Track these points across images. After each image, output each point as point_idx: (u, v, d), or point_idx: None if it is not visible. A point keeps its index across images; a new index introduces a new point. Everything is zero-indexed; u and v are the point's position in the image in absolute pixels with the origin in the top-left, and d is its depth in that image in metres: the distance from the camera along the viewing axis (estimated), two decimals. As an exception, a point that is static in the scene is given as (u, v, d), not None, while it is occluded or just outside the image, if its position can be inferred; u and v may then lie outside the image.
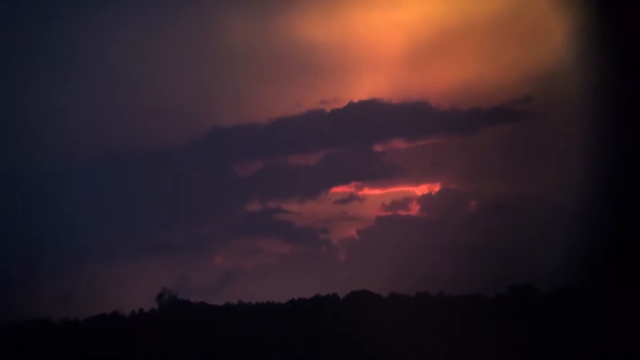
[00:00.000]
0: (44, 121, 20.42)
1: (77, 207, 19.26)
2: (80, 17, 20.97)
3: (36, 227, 18.37)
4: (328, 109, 22.57)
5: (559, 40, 21.84)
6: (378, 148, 22.70)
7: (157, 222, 19.94)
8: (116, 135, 20.61)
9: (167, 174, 20.82)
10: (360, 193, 22.34)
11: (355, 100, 22.75)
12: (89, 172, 19.83)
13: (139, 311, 18.66)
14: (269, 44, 22.38)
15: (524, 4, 22.38)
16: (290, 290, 20.23)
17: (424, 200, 22.22)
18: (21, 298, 18.21)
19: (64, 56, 21.07)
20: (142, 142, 20.89)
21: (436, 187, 22.22)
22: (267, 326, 18.70)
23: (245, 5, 22.13)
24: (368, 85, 23.08)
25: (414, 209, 22.29)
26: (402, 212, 22.15)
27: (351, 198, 22.20)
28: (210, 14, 21.89)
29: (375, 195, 22.48)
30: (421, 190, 22.39)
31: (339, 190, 22.24)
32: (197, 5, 21.71)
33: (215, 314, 18.98)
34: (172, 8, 21.54)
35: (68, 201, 18.97)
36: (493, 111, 22.41)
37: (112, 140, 20.62)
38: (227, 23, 21.95)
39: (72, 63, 21.09)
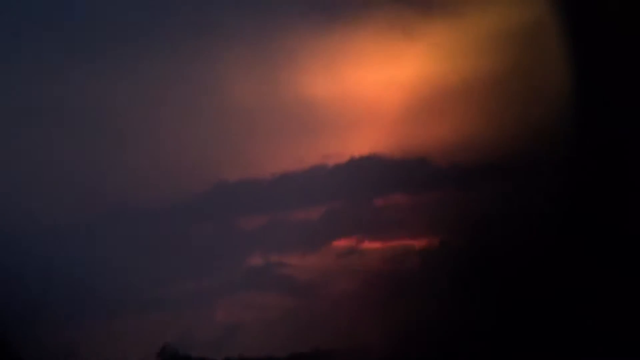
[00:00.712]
0: (43, 176, 20.56)
1: (78, 264, 19.40)
2: (80, 69, 21.18)
3: (36, 284, 18.46)
4: (330, 163, 22.72)
5: (554, 99, 21.97)
6: (379, 202, 22.77)
7: (159, 277, 19.96)
8: (118, 191, 20.72)
9: (169, 229, 20.96)
10: (361, 247, 22.32)
11: (357, 155, 22.86)
12: (91, 229, 19.93)
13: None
14: (271, 100, 22.54)
15: (521, 63, 22.48)
16: (291, 344, 20.22)
17: (423, 254, 22.15)
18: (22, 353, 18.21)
19: (63, 110, 21.25)
20: (145, 198, 20.95)
21: (435, 241, 22.20)
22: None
23: (248, 62, 22.34)
24: (369, 141, 23.16)
25: (414, 263, 22.22)
26: (402, 266, 22.08)
27: (352, 252, 22.17)
28: (213, 71, 22.10)
29: (376, 249, 22.43)
30: (420, 243, 22.35)
31: (340, 244, 22.25)
32: (200, 61, 21.94)
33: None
34: (175, 63, 21.76)
35: (69, 258, 19.11)
36: (492, 167, 22.41)
37: (114, 196, 20.73)
38: (230, 79, 22.15)
39: (72, 117, 21.29)
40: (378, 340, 20.12)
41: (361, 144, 23.41)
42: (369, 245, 22.54)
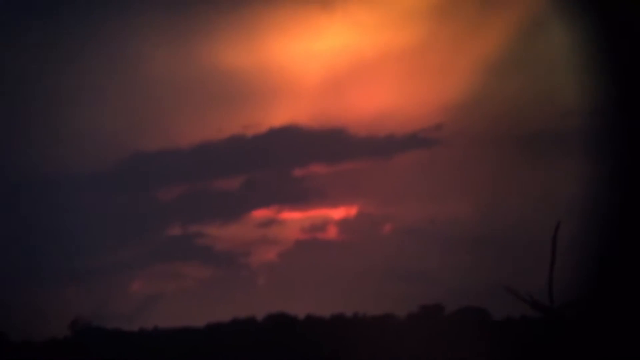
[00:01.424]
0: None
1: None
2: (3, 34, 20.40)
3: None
4: (250, 133, 22.48)
5: (467, 71, 22.25)
6: (298, 172, 22.69)
7: (75, 248, 19.47)
8: (34, 160, 20.08)
9: (86, 199, 20.45)
10: (280, 216, 22.23)
11: (276, 125, 22.69)
12: (7, 198, 19.31)
13: (50, 339, 18.06)
14: (190, 71, 22.14)
15: (435, 37, 22.64)
16: (209, 315, 20.04)
17: (341, 223, 22.21)
18: None
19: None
20: (61, 168, 20.40)
21: (353, 210, 22.26)
22: (182, 351, 18.39)
23: (166, 32, 21.84)
24: (288, 112, 23.02)
25: (332, 232, 22.24)
26: (320, 235, 22.09)
27: (271, 221, 22.06)
28: (131, 40, 21.54)
29: (295, 219, 22.39)
30: (339, 213, 22.38)
31: (260, 214, 22.10)
32: (118, 31, 21.34)
33: (129, 341, 18.54)
34: (93, 34, 21.13)
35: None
36: (407, 138, 22.62)
37: (29, 165, 20.08)
38: (148, 50, 21.63)
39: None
40: (295, 308, 20.18)
41: (280, 114, 23.32)
42: (288, 215, 22.55)
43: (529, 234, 20.61)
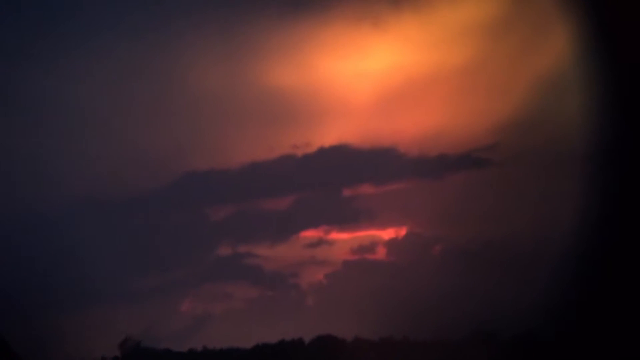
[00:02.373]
0: (18, 166, 19.80)
1: (48, 254, 18.68)
2: (54, 61, 20.40)
3: (5, 274, 17.72)
4: (299, 153, 22.10)
5: (522, 90, 21.52)
6: (347, 192, 22.21)
7: (127, 268, 19.29)
8: (88, 181, 20.00)
9: (137, 220, 20.27)
10: (328, 237, 21.76)
11: (326, 145, 22.28)
12: (60, 219, 19.22)
13: (101, 359, 17.91)
14: (241, 91, 21.88)
15: (489, 55, 21.98)
16: (257, 336, 19.64)
17: (390, 244, 21.64)
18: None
19: (37, 101, 20.48)
20: (113, 189, 20.25)
21: (402, 231, 21.69)
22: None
23: (217, 52, 21.64)
24: (338, 131, 22.60)
25: (381, 253, 21.68)
26: (369, 256, 21.55)
27: (320, 242, 21.60)
28: (181, 61, 21.38)
29: (344, 240, 21.89)
30: (388, 234, 21.82)
31: (309, 234, 21.66)
32: (168, 52, 21.21)
33: (178, 361, 18.31)
34: (143, 54, 21.01)
35: (39, 247, 18.40)
36: (459, 158, 21.97)
37: (84, 187, 20.00)
38: (199, 69, 21.45)
39: (46, 108, 20.52)
40: (343, 329, 19.67)
41: (330, 134, 22.91)
42: (337, 235, 22.07)
43: (583, 256, 19.83)
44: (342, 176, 22.43)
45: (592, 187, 20.61)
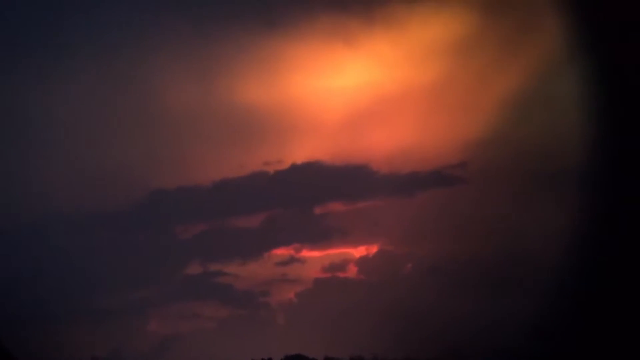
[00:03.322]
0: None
1: (12, 271, 18.05)
2: (23, 75, 19.85)
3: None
4: (271, 170, 21.69)
5: (491, 108, 21.31)
6: (319, 210, 21.80)
7: (94, 286, 18.71)
8: (55, 199, 19.41)
9: (105, 238, 19.70)
10: (300, 255, 21.32)
11: (298, 162, 21.88)
12: (27, 236, 18.62)
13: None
14: (213, 108, 21.48)
15: (458, 73, 21.78)
16: (226, 356, 19.10)
17: (362, 262, 21.24)
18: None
19: (4, 118, 19.90)
20: (81, 206, 19.70)
21: (373, 249, 21.30)
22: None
23: (188, 70, 21.23)
24: (310, 148, 22.24)
25: (352, 271, 21.26)
26: (340, 274, 21.12)
27: (291, 260, 21.16)
28: (152, 78, 20.91)
29: (315, 257, 21.46)
30: (359, 252, 21.41)
31: (280, 252, 21.21)
32: (139, 68, 20.73)
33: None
34: (113, 71, 20.53)
35: (1, 265, 17.76)
36: (429, 176, 21.67)
37: (51, 204, 19.41)
38: (170, 87, 21.03)
39: (14, 125, 19.93)
40: (313, 348, 19.20)
41: (302, 151, 22.55)
42: (308, 253, 21.64)
43: (552, 273, 19.60)
44: (314, 193, 22.07)
45: (561, 203, 20.45)
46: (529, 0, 21.42)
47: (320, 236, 21.92)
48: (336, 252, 21.78)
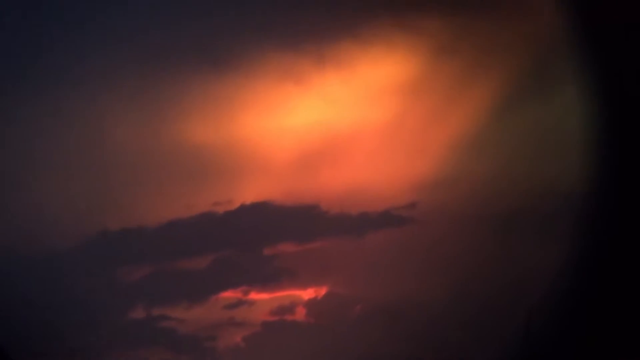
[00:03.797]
0: None
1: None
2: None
3: None
4: (220, 211, 21.16)
5: (441, 149, 21.17)
6: (268, 251, 21.32)
7: (32, 332, 17.97)
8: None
9: (46, 281, 18.99)
10: (248, 297, 20.77)
11: (248, 202, 21.42)
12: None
13: None
14: (159, 147, 20.91)
15: (410, 114, 21.66)
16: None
17: (310, 304, 20.78)
18: None
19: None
20: (20, 248, 18.99)
21: (323, 291, 20.86)
22: None
23: (134, 109, 20.72)
24: (260, 188, 21.79)
25: (300, 314, 20.78)
26: (289, 317, 20.62)
27: (239, 303, 20.58)
28: (98, 117, 20.39)
29: (263, 300, 20.91)
30: (308, 294, 20.96)
31: (227, 295, 20.62)
32: (83, 107, 20.22)
33: None
34: (56, 109, 19.99)
35: None
36: (380, 216, 21.38)
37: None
38: (116, 126, 20.46)
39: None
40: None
41: (252, 191, 22.10)
42: (257, 296, 21.06)
43: (502, 317, 19.35)
44: (264, 234, 21.58)
45: (513, 245, 20.31)
46: (478, 41, 21.49)
47: (269, 278, 21.45)
48: (285, 295, 21.30)
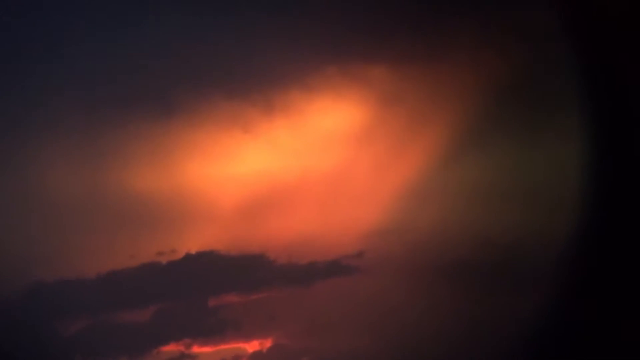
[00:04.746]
0: None
1: None
2: None
3: None
4: (164, 261, 20.32)
5: (388, 198, 20.77)
6: (213, 302, 20.47)
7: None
8: None
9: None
10: (191, 351, 19.84)
11: (193, 251, 20.63)
12: None
13: None
14: (101, 195, 20.09)
15: (356, 163, 21.27)
16: None
17: (255, 357, 19.92)
18: None
19: None
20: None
21: (268, 343, 20.04)
22: None
23: (76, 155, 19.93)
24: (206, 237, 21.05)
25: (244, 367, 19.93)
26: (233, 370, 19.76)
27: (182, 357, 19.64)
28: (40, 164, 19.53)
29: (207, 353, 20.00)
30: (252, 346, 20.11)
31: (169, 348, 19.67)
32: (25, 155, 19.36)
33: None
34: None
35: None
36: (327, 265, 20.79)
37: None
38: (55, 174, 19.61)
39: None
40: None
41: (198, 240, 21.32)
42: (200, 349, 20.13)
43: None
44: (208, 284, 20.75)
45: (460, 293, 19.88)
46: (424, 91, 21.35)
47: (212, 330, 20.53)
48: (229, 347, 20.43)
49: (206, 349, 20.47)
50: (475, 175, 20.86)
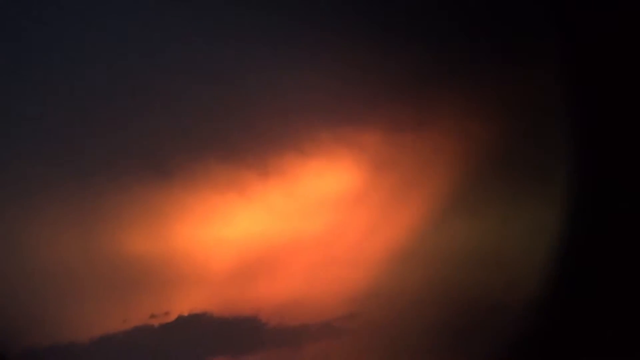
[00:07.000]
0: None
1: None
2: None
3: None
4: (157, 324, 19.70)
5: (379, 261, 20.32)
6: (204, 365, 19.79)
7: None
8: None
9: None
10: (180, 417, 19.06)
11: (185, 314, 20.02)
12: None
13: None
14: (93, 259, 19.56)
15: (348, 226, 20.88)
16: None
17: None
18: None
19: None
20: None
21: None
22: None
23: (68, 220, 19.46)
24: (198, 299, 20.49)
25: None
26: None
27: (171, 423, 18.86)
28: (32, 228, 19.05)
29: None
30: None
31: (158, 415, 18.92)
32: (18, 218, 18.89)
33: None
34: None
35: None
36: (319, 328, 20.20)
37: None
38: (47, 237, 19.11)
39: None
40: None
41: (190, 302, 20.74)
42: (189, 415, 19.37)
43: None
44: (201, 347, 20.07)
45: (454, 354, 19.30)
46: (416, 156, 21.11)
47: (203, 396, 19.87)
48: (219, 414, 19.68)
49: (196, 416, 19.70)
50: (466, 239, 20.50)
